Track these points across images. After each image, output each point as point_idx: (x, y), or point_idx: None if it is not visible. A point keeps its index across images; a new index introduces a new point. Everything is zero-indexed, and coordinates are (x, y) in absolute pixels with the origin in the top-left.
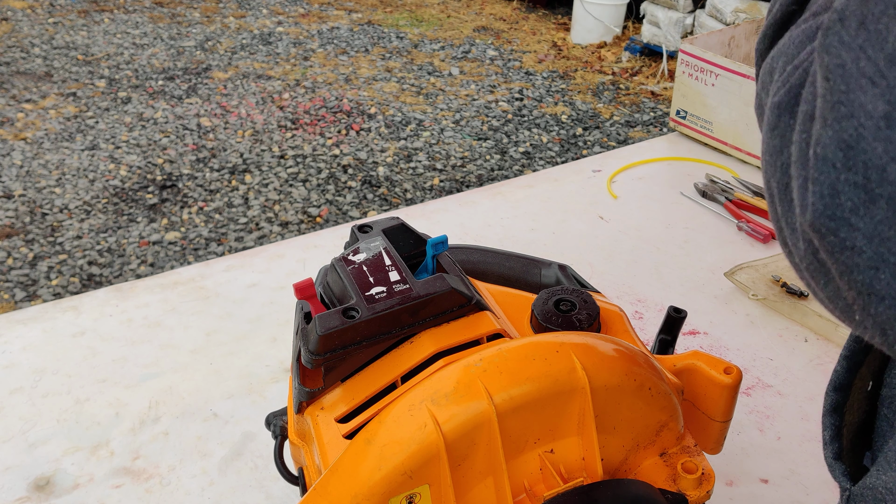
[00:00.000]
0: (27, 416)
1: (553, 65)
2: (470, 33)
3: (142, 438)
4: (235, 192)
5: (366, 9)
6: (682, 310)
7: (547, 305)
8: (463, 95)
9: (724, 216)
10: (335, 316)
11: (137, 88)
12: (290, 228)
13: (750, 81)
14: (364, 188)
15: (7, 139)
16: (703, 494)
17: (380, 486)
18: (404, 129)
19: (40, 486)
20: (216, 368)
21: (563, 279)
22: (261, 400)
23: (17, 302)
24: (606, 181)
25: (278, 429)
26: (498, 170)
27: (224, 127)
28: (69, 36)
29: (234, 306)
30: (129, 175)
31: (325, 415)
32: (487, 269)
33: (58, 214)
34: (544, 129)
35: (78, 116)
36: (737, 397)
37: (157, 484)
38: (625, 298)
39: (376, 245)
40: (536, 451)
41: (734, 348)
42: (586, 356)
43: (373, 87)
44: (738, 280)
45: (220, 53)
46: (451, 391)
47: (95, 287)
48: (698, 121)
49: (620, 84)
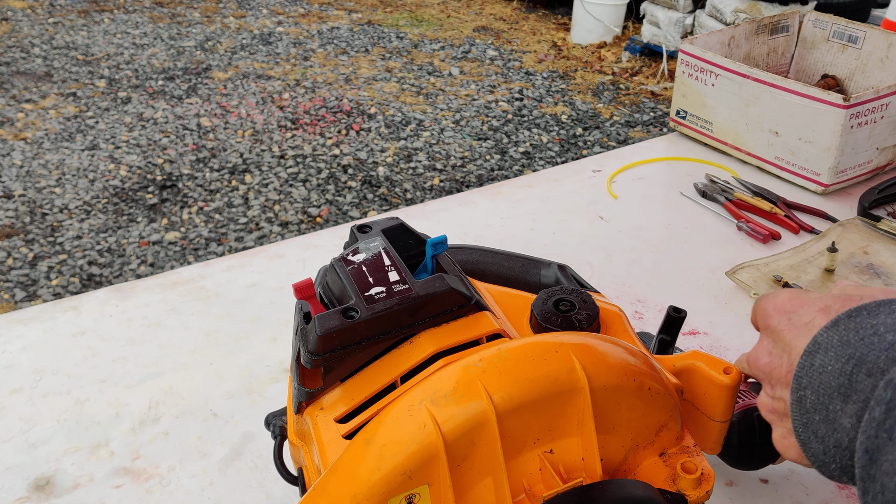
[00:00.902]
0: (27, 416)
1: (553, 65)
2: (470, 33)
3: (142, 438)
4: (235, 192)
5: (366, 9)
6: (682, 310)
7: (546, 305)
8: (463, 95)
9: (723, 216)
10: (335, 316)
11: (137, 88)
12: (290, 228)
13: (750, 81)
14: (364, 188)
15: (7, 139)
16: (702, 494)
17: (379, 486)
18: (404, 129)
19: (40, 486)
20: (216, 368)
21: (562, 279)
22: (261, 400)
23: (17, 302)
24: (606, 181)
25: (278, 429)
26: (498, 170)
27: (224, 127)
28: (69, 36)
29: (234, 306)
30: (129, 175)
31: (325, 415)
32: (487, 269)
33: (58, 214)
34: (544, 129)
35: (78, 116)
36: (736, 397)
37: (157, 484)
38: (625, 298)
39: (376, 245)
40: (536, 451)
41: (734, 348)
42: (586, 356)
43: (373, 87)
44: (740, 279)
45: (220, 53)
46: (450, 391)
47: (95, 287)
48: (698, 121)
49: (620, 84)
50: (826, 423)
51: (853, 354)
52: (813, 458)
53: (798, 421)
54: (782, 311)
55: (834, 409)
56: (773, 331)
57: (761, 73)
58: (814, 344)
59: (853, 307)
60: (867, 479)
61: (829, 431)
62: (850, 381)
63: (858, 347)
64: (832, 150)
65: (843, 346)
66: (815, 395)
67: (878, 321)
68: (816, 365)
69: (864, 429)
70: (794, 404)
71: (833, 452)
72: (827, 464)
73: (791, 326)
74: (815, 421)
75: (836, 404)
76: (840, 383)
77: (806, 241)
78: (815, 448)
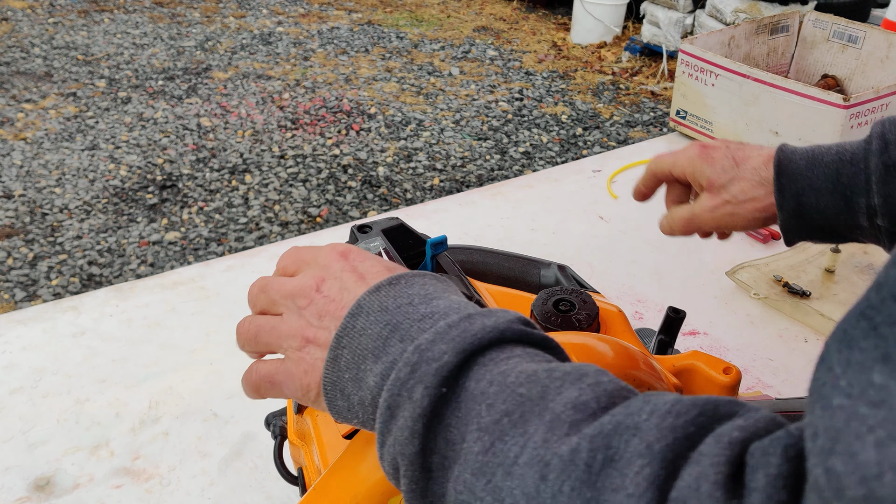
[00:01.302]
0: (27, 416)
1: (553, 65)
2: (470, 33)
3: (142, 438)
4: (235, 192)
5: (366, 9)
6: (681, 310)
7: (546, 306)
8: (463, 95)
9: None
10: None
11: (137, 88)
12: (290, 228)
13: (750, 81)
14: (364, 188)
15: (7, 139)
16: None
17: (379, 485)
18: (404, 129)
19: (40, 486)
20: (216, 368)
21: (562, 279)
22: (261, 400)
23: (17, 302)
24: (606, 181)
25: (278, 429)
26: (498, 170)
27: (224, 127)
28: (69, 36)
29: (234, 306)
30: (129, 175)
31: (325, 415)
32: (487, 269)
33: (58, 214)
34: (544, 129)
35: (78, 116)
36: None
37: (157, 484)
38: (624, 298)
39: (375, 245)
40: None
41: (734, 348)
42: (585, 356)
43: (373, 87)
44: (740, 279)
45: (220, 53)
46: None
47: (95, 287)
48: (698, 121)
49: (620, 84)
50: (354, 381)
51: (390, 321)
52: (336, 413)
53: (328, 379)
54: (344, 256)
55: (364, 368)
56: (327, 268)
57: (761, 73)
58: (357, 306)
59: (393, 276)
60: (385, 432)
61: (355, 389)
62: (384, 345)
63: (395, 314)
64: None
65: (381, 312)
66: (351, 355)
67: (412, 291)
68: (358, 327)
69: (388, 387)
70: (329, 363)
71: (357, 409)
72: (349, 419)
73: (353, 277)
74: (344, 379)
75: (368, 364)
76: (375, 346)
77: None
78: (340, 405)
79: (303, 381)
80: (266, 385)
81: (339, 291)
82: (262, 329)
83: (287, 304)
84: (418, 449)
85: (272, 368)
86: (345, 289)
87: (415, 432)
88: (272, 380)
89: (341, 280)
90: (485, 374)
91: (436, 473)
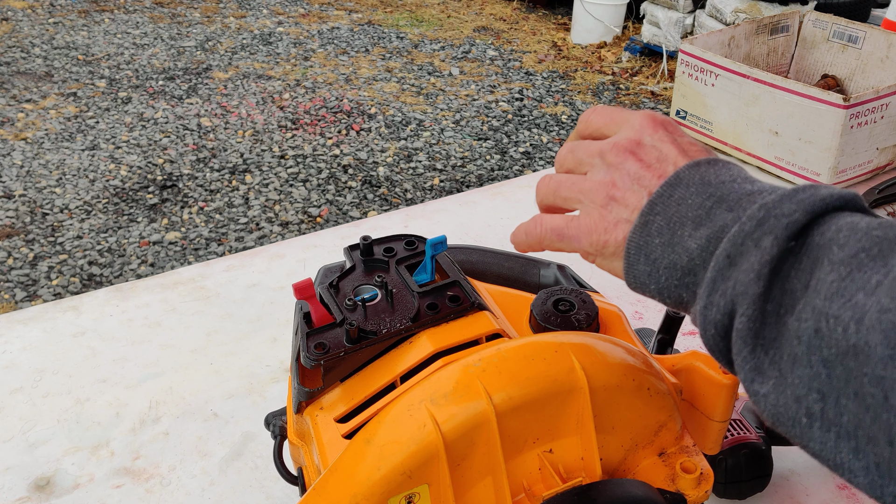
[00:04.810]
0: (27, 416)
1: (553, 65)
2: (470, 33)
3: (142, 438)
4: (236, 192)
5: (366, 9)
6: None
7: (546, 305)
8: (463, 95)
9: None
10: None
11: (138, 88)
12: (291, 228)
13: (750, 81)
14: (364, 188)
15: (7, 139)
16: (701, 494)
17: (379, 485)
18: (404, 129)
19: (40, 486)
20: (216, 368)
21: (561, 279)
22: (261, 400)
23: (18, 302)
24: None
25: (278, 429)
26: (498, 170)
27: (224, 127)
28: (69, 36)
29: (234, 306)
30: (129, 175)
31: (325, 415)
32: (486, 269)
33: (58, 214)
34: (544, 129)
35: (78, 116)
36: (735, 397)
37: (157, 484)
38: (624, 298)
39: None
40: (535, 450)
41: None
42: (585, 356)
43: (373, 88)
44: None
45: (221, 53)
46: (450, 391)
47: (96, 287)
48: (698, 121)
49: (620, 84)
50: (666, 246)
51: (714, 193)
52: (632, 277)
53: (634, 243)
54: (638, 142)
55: (682, 234)
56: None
57: (761, 73)
58: (676, 177)
59: (712, 157)
60: (720, 280)
61: (665, 253)
62: (708, 214)
63: (719, 188)
64: (832, 150)
65: (704, 185)
66: (665, 221)
67: (734, 172)
68: (676, 196)
69: (730, 238)
70: (638, 227)
71: (661, 273)
72: (645, 284)
73: (648, 160)
74: (653, 244)
75: (687, 230)
76: (697, 215)
77: None
78: (641, 269)
79: (601, 238)
80: (552, 237)
81: (657, 159)
82: (562, 183)
83: (595, 161)
84: (762, 290)
85: (562, 222)
86: (663, 158)
87: (761, 275)
88: (561, 233)
89: (659, 149)
90: (831, 227)
91: (769, 319)
